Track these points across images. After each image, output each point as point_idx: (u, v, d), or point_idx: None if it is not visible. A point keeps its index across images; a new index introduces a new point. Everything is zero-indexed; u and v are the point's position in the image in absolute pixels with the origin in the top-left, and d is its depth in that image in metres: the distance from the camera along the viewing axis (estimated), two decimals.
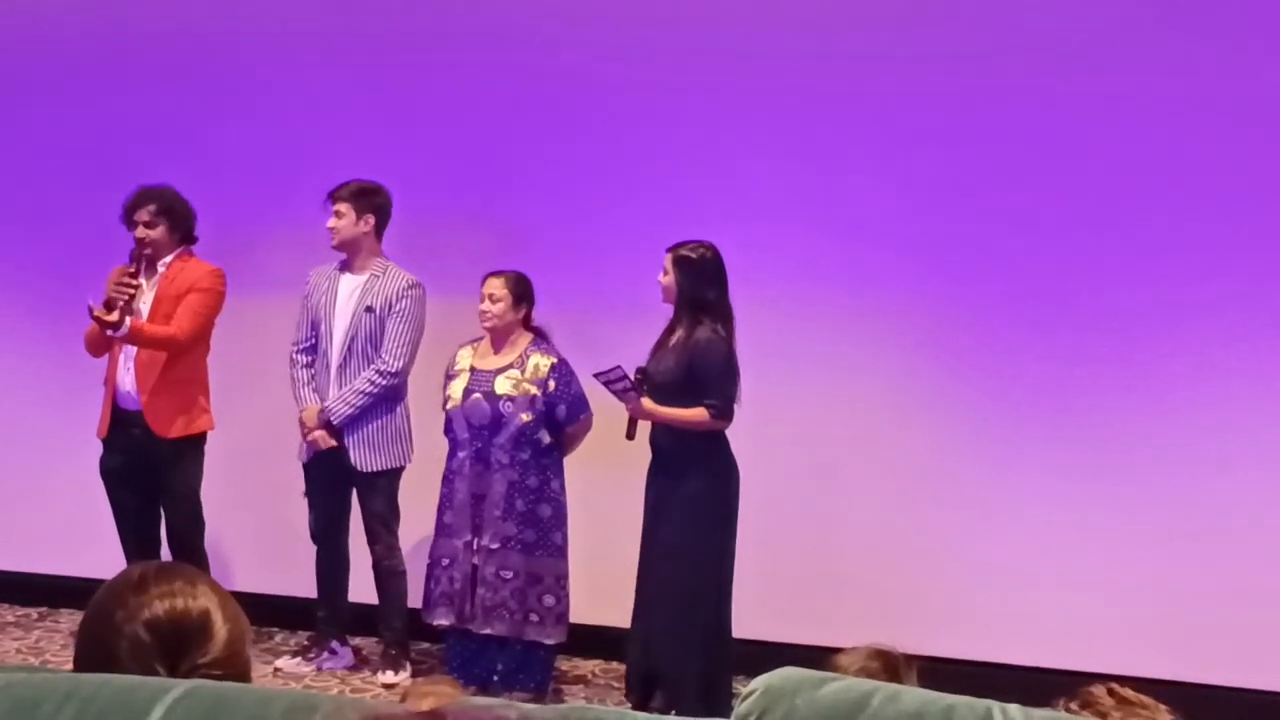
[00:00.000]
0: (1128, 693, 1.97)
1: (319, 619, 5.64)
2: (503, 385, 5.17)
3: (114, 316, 5.05)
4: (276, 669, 5.54)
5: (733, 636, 4.98)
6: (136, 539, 5.43)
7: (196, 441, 5.42)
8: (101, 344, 5.34)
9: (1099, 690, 1.96)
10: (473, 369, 5.26)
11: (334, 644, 5.63)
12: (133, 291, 5.16)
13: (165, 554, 5.41)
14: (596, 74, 5.78)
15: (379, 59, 5.99)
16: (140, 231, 5.30)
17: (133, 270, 5.23)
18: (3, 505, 6.32)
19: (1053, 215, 5.44)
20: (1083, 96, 5.37)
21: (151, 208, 5.31)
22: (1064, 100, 5.38)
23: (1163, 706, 1.96)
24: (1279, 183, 5.25)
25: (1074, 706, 1.92)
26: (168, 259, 5.36)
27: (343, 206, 5.39)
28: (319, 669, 5.57)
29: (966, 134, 5.48)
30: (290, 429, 5.52)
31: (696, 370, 4.85)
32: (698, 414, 4.87)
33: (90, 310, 5.07)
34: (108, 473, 5.45)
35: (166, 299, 5.32)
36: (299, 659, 5.63)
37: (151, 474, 5.40)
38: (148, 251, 5.30)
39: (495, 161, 5.91)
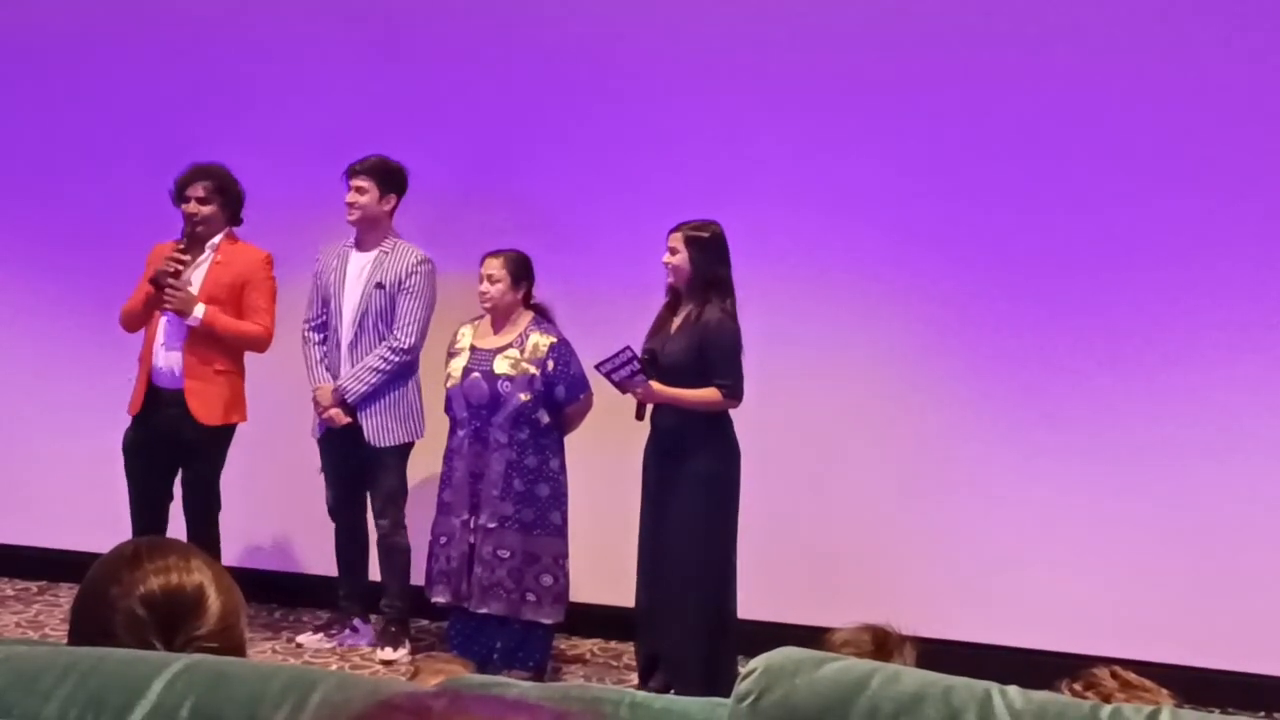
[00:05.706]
0: (1130, 676, 1.98)
1: (340, 597, 5.61)
2: (501, 365, 5.16)
3: (176, 295, 5.10)
4: (299, 645, 5.54)
5: (737, 617, 4.98)
6: (148, 514, 5.37)
7: (230, 430, 5.39)
8: (139, 319, 5.30)
9: (1102, 672, 1.97)
10: (473, 348, 5.24)
11: (355, 621, 5.60)
12: (180, 268, 5.15)
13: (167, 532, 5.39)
14: (605, 55, 5.75)
15: (390, 37, 5.94)
16: (192, 207, 5.24)
17: (182, 248, 5.20)
18: (3, 479, 6.31)
19: (1057, 200, 5.42)
20: (1091, 82, 5.34)
21: (207, 184, 5.25)
22: (1072, 84, 5.35)
23: (1164, 690, 1.96)
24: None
25: (1077, 687, 1.93)
26: (216, 239, 5.31)
27: (366, 183, 5.32)
28: (340, 645, 5.55)
29: (971, 117, 5.45)
30: (306, 406, 5.50)
31: (708, 350, 4.83)
32: (710, 394, 4.85)
33: (158, 282, 5.09)
34: (131, 446, 5.37)
35: (219, 280, 5.27)
36: (321, 635, 5.62)
37: (177, 454, 5.34)
38: (198, 229, 5.26)
39: (508, 139, 5.87)
